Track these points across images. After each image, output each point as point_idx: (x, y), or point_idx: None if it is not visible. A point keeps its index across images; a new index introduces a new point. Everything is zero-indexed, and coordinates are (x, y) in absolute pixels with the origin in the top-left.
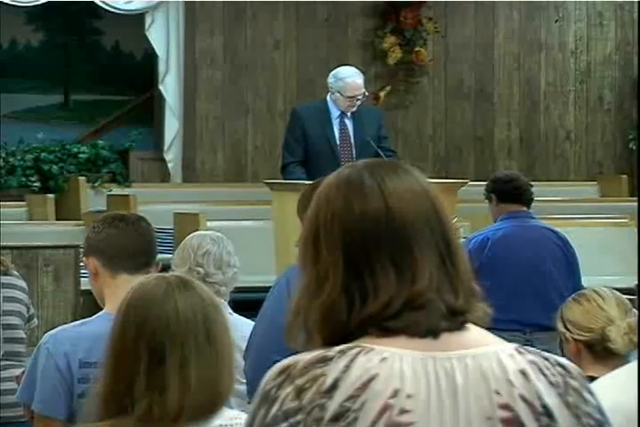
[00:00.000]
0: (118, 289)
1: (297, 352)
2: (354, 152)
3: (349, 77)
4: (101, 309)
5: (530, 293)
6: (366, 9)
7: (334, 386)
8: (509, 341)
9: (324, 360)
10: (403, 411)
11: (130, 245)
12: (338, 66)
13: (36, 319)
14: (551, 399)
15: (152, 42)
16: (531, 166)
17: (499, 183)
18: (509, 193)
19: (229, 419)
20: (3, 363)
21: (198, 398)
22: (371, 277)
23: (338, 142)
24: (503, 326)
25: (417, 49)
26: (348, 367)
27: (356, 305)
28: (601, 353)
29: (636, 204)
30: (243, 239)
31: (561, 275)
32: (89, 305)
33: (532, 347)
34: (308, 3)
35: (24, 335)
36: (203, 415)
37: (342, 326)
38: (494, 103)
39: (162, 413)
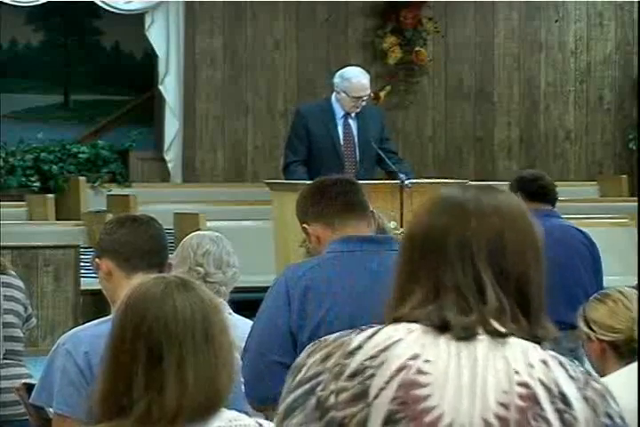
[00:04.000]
0: None
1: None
2: (357, 152)
3: (355, 78)
4: (101, 309)
5: (559, 291)
6: (366, 9)
7: (358, 347)
8: None
9: (354, 332)
10: (420, 371)
11: (144, 245)
12: (338, 66)
13: (34, 319)
14: (570, 390)
15: (152, 42)
16: (531, 166)
17: (525, 182)
18: (535, 192)
19: (228, 420)
20: (1, 362)
21: (196, 399)
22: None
23: (342, 142)
24: None
25: (417, 49)
26: (373, 334)
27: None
28: (626, 354)
29: (636, 204)
30: (243, 239)
31: (587, 274)
32: (89, 305)
33: (558, 345)
34: (307, 3)
35: (22, 334)
36: (201, 416)
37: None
38: (494, 103)
39: (160, 413)
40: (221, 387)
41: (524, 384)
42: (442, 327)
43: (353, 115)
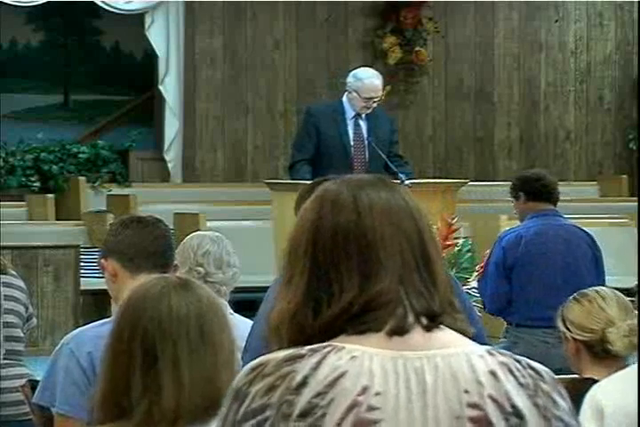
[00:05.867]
0: None
1: None
2: (366, 153)
3: (368, 78)
4: (102, 309)
5: (563, 290)
6: (366, 9)
7: (303, 383)
8: (543, 338)
9: (295, 358)
10: (371, 408)
11: (149, 246)
12: (338, 66)
13: (34, 319)
14: (521, 400)
15: (152, 42)
16: (531, 166)
17: (527, 181)
18: (538, 191)
19: None
20: (2, 362)
21: (195, 399)
22: (337, 282)
23: (352, 143)
24: (538, 324)
25: (417, 49)
26: (318, 364)
27: (322, 309)
28: (600, 354)
29: (636, 204)
30: (243, 239)
31: (590, 273)
32: (89, 305)
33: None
34: (307, 3)
35: (22, 334)
36: (201, 417)
37: (308, 329)
38: (494, 103)
39: (160, 414)
40: (222, 386)
41: (474, 405)
42: (389, 332)
43: (363, 116)
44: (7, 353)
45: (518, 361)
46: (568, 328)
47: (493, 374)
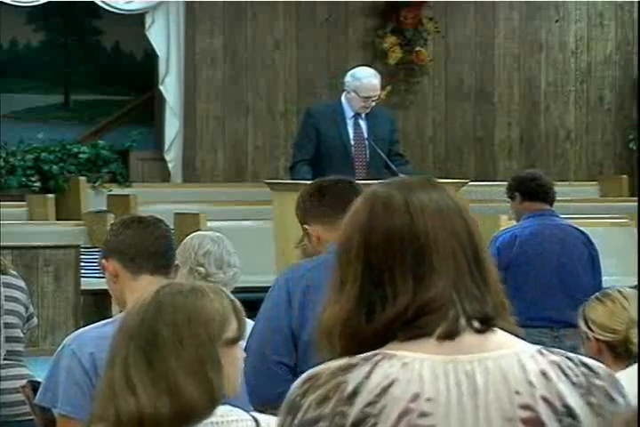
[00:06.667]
0: (139, 290)
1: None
2: (367, 153)
3: (366, 78)
4: (102, 309)
5: (559, 290)
6: (366, 9)
7: (355, 393)
8: (538, 338)
9: (348, 368)
10: (423, 414)
11: (150, 246)
12: (338, 66)
13: (35, 319)
14: (573, 399)
15: (152, 42)
16: (531, 166)
17: (523, 181)
18: (534, 191)
19: (220, 416)
20: (2, 362)
21: (189, 401)
22: (391, 286)
23: (352, 142)
24: (535, 324)
25: (417, 49)
26: (369, 374)
27: (376, 313)
28: (623, 354)
29: (636, 204)
30: (243, 239)
31: (586, 273)
32: (89, 305)
33: (561, 343)
34: (307, 3)
35: (22, 335)
36: (196, 418)
37: (361, 334)
38: (494, 103)
39: (151, 417)
40: (217, 388)
41: (526, 406)
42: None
43: (363, 115)
44: (7, 354)
45: (570, 359)
46: (590, 328)
47: (544, 374)
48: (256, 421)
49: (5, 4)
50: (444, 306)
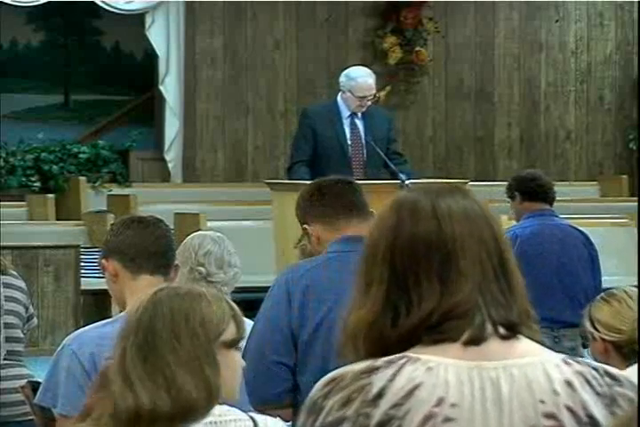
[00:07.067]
0: (139, 290)
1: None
2: (364, 152)
3: (361, 77)
4: (102, 309)
5: (559, 290)
6: (366, 9)
7: (380, 395)
8: (539, 338)
9: (372, 370)
10: (447, 419)
11: (150, 246)
12: (338, 66)
13: (35, 320)
14: (597, 410)
15: (152, 42)
16: (531, 166)
17: (523, 181)
18: (534, 191)
19: (218, 415)
20: (2, 362)
21: (187, 398)
22: (416, 291)
23: (349, 142)
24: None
25: (417, 49)
26: (394, 376)
27: (401, 318)
28: (629, 354)
29: (636, 204)
30: (243, 239)
31: (586, 273)
32: (89, 305)
33: (560, 344)
34: (307, 3)
35: (22, 335)
36: (193, 416)
37: (386, 338)
38: (494, 103)
39: (151, 414)
40: (214, 387)
41: (550, 415)
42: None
43: (359, 115)
44: (7, 354)
45: (595, 369)
46: (596, 328)
47: (569, 383)
48: (254, 421)
49: (5, 4)
50: (470, 311)
